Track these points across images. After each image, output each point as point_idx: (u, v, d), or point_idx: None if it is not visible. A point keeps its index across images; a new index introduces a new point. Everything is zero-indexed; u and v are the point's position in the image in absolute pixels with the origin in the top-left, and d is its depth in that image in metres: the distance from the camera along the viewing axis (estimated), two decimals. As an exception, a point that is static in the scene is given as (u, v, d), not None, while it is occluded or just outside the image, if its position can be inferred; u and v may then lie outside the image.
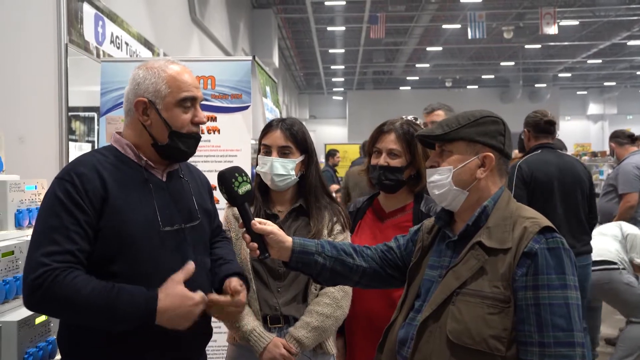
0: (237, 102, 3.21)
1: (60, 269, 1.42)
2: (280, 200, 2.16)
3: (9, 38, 3.38)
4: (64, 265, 1.43)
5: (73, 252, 1.46)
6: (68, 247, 1.45)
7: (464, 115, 1.51)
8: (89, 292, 1.42)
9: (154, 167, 1.66)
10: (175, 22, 7.99)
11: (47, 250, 1.44)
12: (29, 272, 1.44)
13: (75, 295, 1.41)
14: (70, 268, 1.44)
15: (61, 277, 1.42)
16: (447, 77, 27.13)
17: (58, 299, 1.42)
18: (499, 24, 17.60)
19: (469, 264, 1.40)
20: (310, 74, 26.84)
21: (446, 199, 1.51)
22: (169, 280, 1.50)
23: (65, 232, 1.46)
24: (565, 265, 1.35)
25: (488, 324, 1.34)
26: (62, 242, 1.45)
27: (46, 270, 1.41)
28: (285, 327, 2.03)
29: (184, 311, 1.48)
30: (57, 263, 1.43)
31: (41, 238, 1.47)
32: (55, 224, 1.47)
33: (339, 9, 16.71)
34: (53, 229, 1.46)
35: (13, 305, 2.01)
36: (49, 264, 1.42)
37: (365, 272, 1.65)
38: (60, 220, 1.47)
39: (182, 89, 1.62)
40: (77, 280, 1.43)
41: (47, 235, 1.46)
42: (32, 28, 3.62)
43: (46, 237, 1.46)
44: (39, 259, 1.43)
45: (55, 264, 1.42)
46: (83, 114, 4.57)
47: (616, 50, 21.94)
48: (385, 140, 2.16)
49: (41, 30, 3.73)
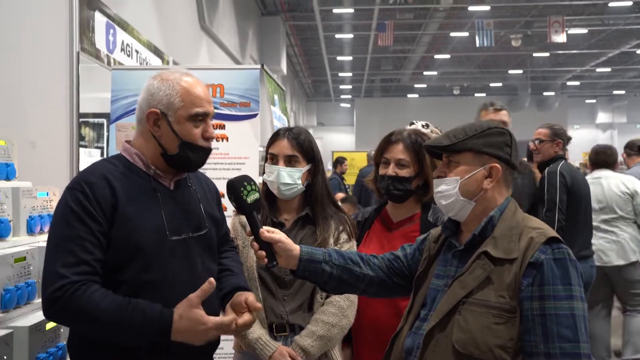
0: (245, 110, 3.24)
1: (80, 282, 1.45)
2: (287, 209, 2.17)
3: (23, 46, 3.43)
4: (83, 278, 1.46)
5: (89, 262, 1.48)
6: (84, 257, 1.48)
7: (471, 126, 1.52)
8: (105, 307, 1.45)
9: (162, 176, 1.68)
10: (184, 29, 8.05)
11: (64, 261, 1.46)
12: (48, 283, 1.46)
13: (92, 309, 1.44)
14: (89, 281, 1.47)
15: (80, 291, 1.44)
16: (455, 85, 27.10)
17: (75, 312, 1.45)
18: (507, 32, 17.59)
19: (475, 274, 1.41)
20: (318, 81, 26.89)
21: (453, 209, 1.52)
22: (186, 301, 1.50)
23: (80, 241, 1.48)
24: (572, 276, 1.36)
25: (494, 334, 1.35)
26: (78, 252, 1.47)
27: (65, 284, 1.44)
28: (291, 335, 2.04)
29: (197, 333, 1.49)
30: (75, 275, 1.45)
31: (57, 249, 1.49)
32: (69, 234, 1.49)
33: (347, 16, 16.77)
34: (68, 239, 1.49)
35: (25, 310, 2.03)
36: (67, 277, 1.44)
37: (372, 281, 1.67)
38: (75, 230, 1.49)
39: (195, 104, 1.63)
40: (95, 296, 1.45)
41: (62, 245, 1.49)
42: (45, 36, 3.67)
43: (62, 247, 1.48)
44: (57, 270, 1.45)
45: (74, 277, 1.45)
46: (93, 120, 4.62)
47: (625, 58, 21.85)
48: (393, 150, 2.17)
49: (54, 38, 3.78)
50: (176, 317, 1.48)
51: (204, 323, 1.49)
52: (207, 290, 1.51)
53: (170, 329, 1.47)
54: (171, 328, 1.47)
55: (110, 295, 1.48)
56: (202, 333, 1.49)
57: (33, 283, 2.08)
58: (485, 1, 14.89)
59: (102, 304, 1.45)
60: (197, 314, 1.48)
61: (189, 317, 1.48)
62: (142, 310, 1.47)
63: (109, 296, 1.47)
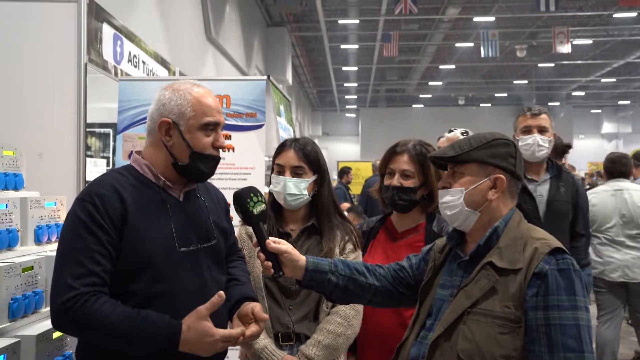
0: (251, 121, 3.26)
1: (90, 293, 1.46)
2: (293, 219, 2.18)
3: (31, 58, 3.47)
4: (92, 290, 1.47)
5: (98, 273, 1.49)
6: (93, 268, 1.49)
7: (475, 137, 1.54)
8: (114, 318, 1.46)
9: (171, 187, 1.69)
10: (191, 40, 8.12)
11: (73, 272, 1.47)
12: (58, 294, 1.47)
13: (101, 320, 1.45)
14: (98, 292, 1.48)
15: (90, 302, 1.45)
16: (460, 95, 27.15)
17: (85, 323, 1.46)
18: (512, 42, 17.64)
19: (480, 284, 1.42)
20: (323, 91, 27.00)
21: (458, 219, 1.53)
22: (194, 313, 1.52)
23: (90, 253, 1.50)
24: (576, 286, 1.36)
25: (499, 344, 1.35)
26: (87, 264, 1.48)
27: (75, 295, 1.45)
28: (297, 344, 2.04)
29: (204, 344, 1.51)
30: (84, 287, 1.46)
31: (66, 260, 1.50)
32: (79, 245, 1.50)
33: (352, 27, 16.88)
34: (77, 250, 1.50)
35: (32, 319, 2.05)
36: (77, 288, 1.45)
37: (378, 291, 1.67)
38: (84, 242, 1.50)
39: (206, 113, 1.65)
40: (105, 307, 1.46)
41: (72, 256, 1.50)
42: (53, 48, 3.71)
43: (71, 258, 1.49)
44: (66, 281, 1.46)
45: (83, 288, 1.46)
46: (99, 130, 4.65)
47: (630, 69, 21.86)
48: (398, 161, 2.18)
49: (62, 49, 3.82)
50: (184, 328, 1.49)
51: (212, 335, 1.50)
52: (216, 303, 1.52)
53: (179, 340, 1.48)
54: (179, 339, 1.48)
55: (120, 306, 1.49)
56: (209, 345, 1.50)
57: (40, 292, 2.10)
58: (490, 12, 14.96)
59: (111, 315, 1.46)
60: (205, 326, 1.50)
61: (197, 329, 1.49)
62: (151, 321, 1.48)
63: (118, 307, 1.49)
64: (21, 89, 3.40)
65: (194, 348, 1.50)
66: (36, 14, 3.57)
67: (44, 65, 3.61)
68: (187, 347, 1.50)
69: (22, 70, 3.39)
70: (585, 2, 15.08)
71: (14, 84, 3.43)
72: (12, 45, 3.48)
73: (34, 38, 3.51)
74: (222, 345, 1.54)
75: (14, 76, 3.38)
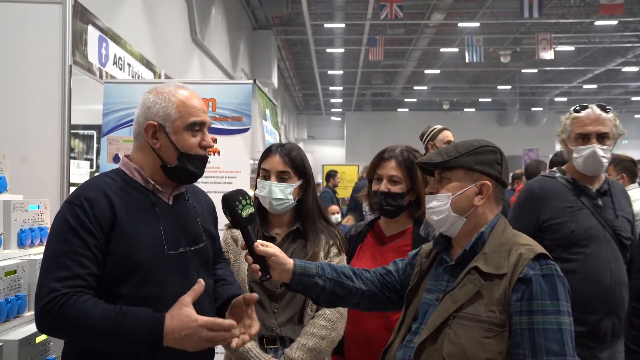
0: (237, 125, 3.26)
1: (70, 293, 1.45)
2: (278, 223, 2.19)
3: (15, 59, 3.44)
4: (74, 290, 1.46)
5: (83, 276, 1.49)
6: (78, 271, 1.48)
7: (462, 144, 1.56)
8: (96, 315, 1.45)
9: (161, 190, 1.69)
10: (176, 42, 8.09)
11: (58, 275, 1.47)
12: (41, 297, 1.46)
13: (83, 318, 1.44)
14: (80, 292, 1.47)
15: (70, 301, 1.45)
16: (445, 100, 27.34)
17: (67, 322, 1.45)
18: (496, 48, 17.83)
19: (466, 289, 1.44)
20: (308, 94, 27.03)
21: (444, 224, 1.55)
22: (177, 302, 1.51)
23: (75, 256, 1.49)
24: (559, 291, 1.39)
25: (484, 348, 1.37)
26: (72, 267, 1.48)
27: (56, 296, 1.44)
28: (282, 348, 2.04)
29: (190, 332, 1.48)
30: (67, 288, 1.46)
31: (52, 263, 1.50)
32: (65, 249, 1.50)
33: (338, 31, 16.93)
34: (63, 253, 1.49)
35: (14, 324, 2.03)
36: (59, 289, 1.45)
37: (365, 295, 1.68)
38: (71, 245, 1.50)
39: (191, 114, 1.66)
40: (86, 305, 1.46)
41: (57, 260, 1.49)
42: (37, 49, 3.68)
43: (57, 262, 1.49)
44: (50, 285, 1.46)
45: (65, 289, 1.45)
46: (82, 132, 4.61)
47: (611, 76, 22.20)
48: (386, 167, 2.20)
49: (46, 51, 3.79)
50: (168, 317, 1.48)
51: (195, 320, 1.48)
52: (198, 290, 1.53)
53: (162, 330, 1.46)
54: (163, 328, 1.46)
55: (101, 303, 1.48)
56: (193, 331, 1.48)
57: (23, 296, 2.08)
58: (475, 18, 15.11)
59: (92, 312, 1.45)
60: (187, 311, 1.49)
61: (180, 315, 1.48)
62: (134, 314, 1.48)
63: (100, 304, 1.48)
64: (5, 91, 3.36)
65: (179, 339, 1.47)
66: (20, 15, 3.53)
67: (28, 67, 3.57)
68: (172, 338, 1.47)
69: (6, 71, 3.35)
70: (568, 9, 15.31)
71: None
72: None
73: (18, 39, 3.48)
74: (208, 336, 1.49)
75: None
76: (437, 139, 3.61)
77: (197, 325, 1.49)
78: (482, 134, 3.05)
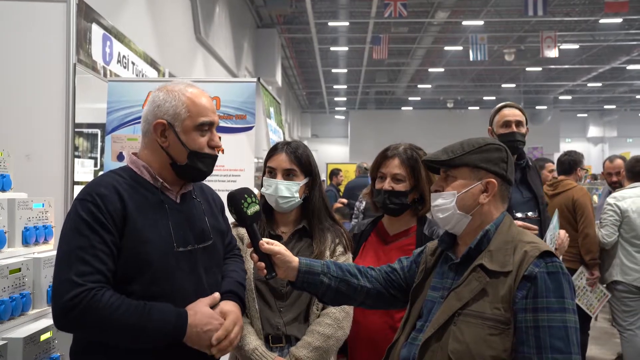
0: (241, 123, 3.26)
1: (96, 289, 1.45)
2: (284, 222, 2.19)
3: (19, 58, 3.44)
4: (98, 286, 1.46)
5: (103, 271, 1.49)
6: (98, 266, 1.48)
7: (468, 142, 1.56)
8: (123, 311, 1.46)
9: (169, 188, 1.69)
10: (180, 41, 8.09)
11: (78, 270, 1.46)
12: (63, 292, 1.45)
13: (110, 315, 1.45)
14: (103, 288, 1.47)
15: (97, 297, 1.44)
16: (449, 98, 27.29)
17: (95, 319, 1.45)
18: (501, 46, 17.78)
19: (471, 286, 1.44)
20: (312, 93, 27.02)
21: (450, 222, 1.55)
22: (198, 301, 1.60)
23: (93, 251, 1.48)
24: (564, 289, 1.38)
25: (489, 345, 1.37)
26: (92, 262, 1.47)
27: (82, 291, 1.44)
28: (287, 346, 2.04)
29: (211, 329, 1.56)
30: (90, 283, 1.45)
31: (70, 258, 1.48)
32: (82, 244, 1.49)
33: (342, 29, 16.92)
34: (81, 248, 1.48)
35: (19, 322, 2.03)
36: (83, 284, 1.44)
37: (370, 293, 1.68)
38: (88, 240, 1.49)
39: (201, 113, 1.66)
40: (112, 300, 1.46)
41: (76, 255, 1.48)
42: (41, 48, 3.68)
43: (75, 257, 1.48)
44: (71, 279, 1.45)
45: (90, 284, 1.45)
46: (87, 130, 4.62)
47: (616, 74, 22.12)
48: (390, 165, 2.20)
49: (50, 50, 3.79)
50: (191, 312, 1.56)
51: (217, 318, 1.60)
52: (215, 298, 1.66)
53: (186, 324, 1.53)
54: (187, 323, 1.53)
55: (126, 299, 1.50)
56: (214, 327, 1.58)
57: (28, 294, 2.08)
58: (479, 16, 15.07)
59: (120, 307, 1.46)
60: (210, 310, 1.61)
61: (203, 312, 1.58)
62: (159, 309, 1.52)
63: (125, 300, 1.49)
64: (9, 89, 3.36)
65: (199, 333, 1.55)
66: (24, 14, 3.53)
67: (32, 66, 3.58)
68: (194, 333, 1.54)
69: (10, 70, 3.35)
70: (573, 7, 15.26)
71: (1, 84, 3.39)
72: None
73: (22, 38, 3.48)
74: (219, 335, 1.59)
75: (1, 76, 3.35)
76: (494, 122, 3.03)
77: (219, 324, 1.59)
78: (486, 132, 3.04)
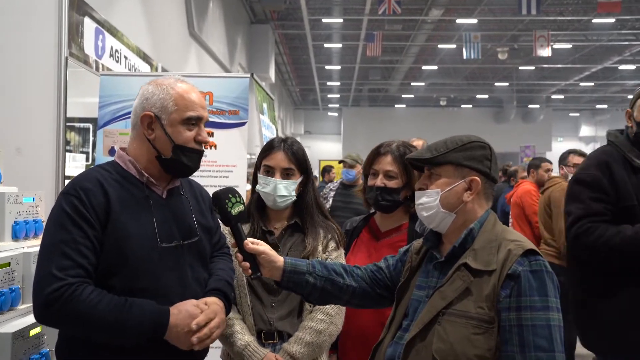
0: (234, 118, 3.26)
1: (76, 284, 1.46)
2: (277, 218, 2.19)
3: (11, 51, 3.42)
4: (78, 280, 1.46)
5: (84, 266, 1.49)
6: (79, 261, 1.48)
7: (452, 139, 1.56)
8: (103, 307, 1.46)
9: (155, 184, 1.69)
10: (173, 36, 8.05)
11: (59, 264, 1.46)
12: (44, 285, 1.45)
13: (90, 310, 1.45)
14: (84, 282, 1.48)
15: (78, 292, 1.45)
16: (442, 96, 27.32)
17: (74, 314, 1.45)
18: (494, 45, 17.82)
19: (455, 285, 1.44)
20: (306, 89, 26.97)
21: (434, 220, 1.55)
22: (187, 301, 1.59)
23: (75, 245, 1.49)
24: (548, 287, 1.39)
25: (473, 344, 1.37)
26: (74, 256, 1.48)
27: (62, 285, 1.44)
28: (279, 342, 2.04)
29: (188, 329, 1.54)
30: (71, 277, 1.45)
31: (52, 252, 1.49)
32: (65, 238, 1.49)
33: (336, 26, 16.89)
34: (63, 242, 1.49)
35: (7, 317, 2.02)
36: (63, 278, 1.44)
37: (355, 292, 1.69)
38: (70, 234, 1.50)
39: (188, 107, 1.67)
40: (92, 296, 1.46)
41: (57, 248, 1.49)
42: (33, 41, 3.66)
43: (57, 250, 1.48)
44: (52, 272, 1.45)
45: (70, 279, 1.45)
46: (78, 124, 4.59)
47: (608, 74, 22.23)
48: (382, 162, 2.20)
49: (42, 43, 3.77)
50: (174, 310, 1.55)
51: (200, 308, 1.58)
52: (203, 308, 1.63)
53: (167, 322, 1.52)
54: (168, 320, 1.52)
55: (107, 294, 1.50)
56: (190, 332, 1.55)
57: (17, 289, 2.07)
58: (473, 14, 15.10)
59: (100, 303, 1.46)
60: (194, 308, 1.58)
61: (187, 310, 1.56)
62: (139, 305, 1.51)
63: (106, 296, 1.49)
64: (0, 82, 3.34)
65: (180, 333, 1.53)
66: (16, 6, 3.51)
67: (24, 59, 3.56)
68: (175, 332, 1.52)
69: (1, 63, 3.33)
70: (566, 7, 15.32)
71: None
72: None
73: (14, 31, 3.46)
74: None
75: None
76: (636, 106, 2.51)
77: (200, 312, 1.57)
78: (478, 130, 3.05)
